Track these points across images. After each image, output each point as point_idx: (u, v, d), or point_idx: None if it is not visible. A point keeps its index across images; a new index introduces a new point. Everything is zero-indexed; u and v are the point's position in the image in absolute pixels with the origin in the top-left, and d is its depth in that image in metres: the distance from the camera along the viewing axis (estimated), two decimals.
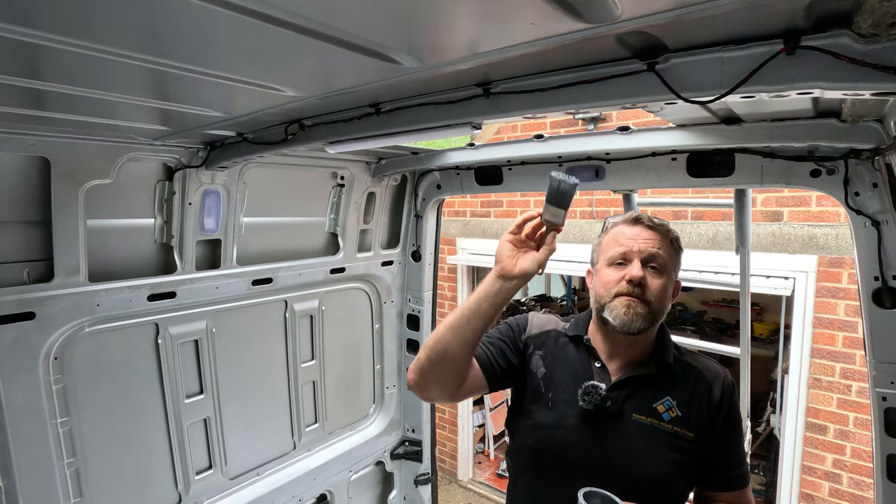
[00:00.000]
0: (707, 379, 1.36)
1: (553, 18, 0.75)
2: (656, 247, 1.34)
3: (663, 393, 1.34)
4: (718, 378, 1.37)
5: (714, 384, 1.36)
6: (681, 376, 1.37)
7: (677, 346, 1.46)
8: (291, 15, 0.74)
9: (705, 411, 1.32)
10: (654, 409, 1.32)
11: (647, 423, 1.31)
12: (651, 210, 4.23)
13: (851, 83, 0.80)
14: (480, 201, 5.46)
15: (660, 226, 1.39)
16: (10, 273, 1.58)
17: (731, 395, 1.37)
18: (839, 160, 1.52)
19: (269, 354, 2.41)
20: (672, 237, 1.39)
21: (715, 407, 1.33)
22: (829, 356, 3.52)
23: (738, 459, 1.36)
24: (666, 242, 1.37)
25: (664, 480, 1.28)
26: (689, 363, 1.40)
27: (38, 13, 0.72)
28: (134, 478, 1.96)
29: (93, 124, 1.47)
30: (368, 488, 2.99)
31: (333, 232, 2.56)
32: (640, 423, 1.31)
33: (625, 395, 1.34)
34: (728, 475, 1.35)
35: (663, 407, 1.32)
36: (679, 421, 1.31)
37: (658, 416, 1.31)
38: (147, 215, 1.91)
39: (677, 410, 1.32)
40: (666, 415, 1.31)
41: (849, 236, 3.27)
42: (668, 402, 1.32)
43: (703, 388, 1.35)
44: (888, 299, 1.48)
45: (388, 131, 1.43)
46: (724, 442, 1.34)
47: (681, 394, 1.34)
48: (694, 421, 1.31)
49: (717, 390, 1.35)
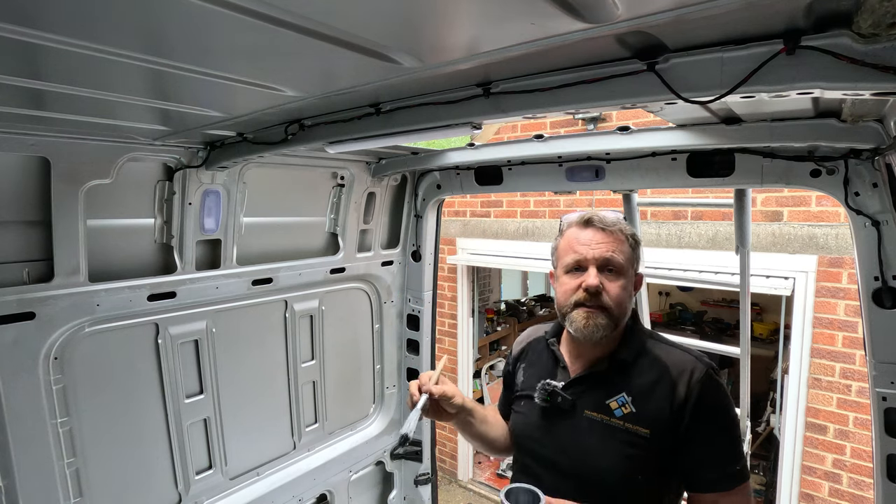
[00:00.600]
0: (672, 375, 1.30)
1: (553, 18, 0.75)
2: (610, 250, 1.32)
3: (619, 389, 1.33)
4: (685, 373, 1.29)
5: (679, 380, 1.28)
6: (643, 371, 1.34)
7: (655, 338, 1.43)
8: (291, 15, 0.74)
9: (666, 408, 1.27)
10: (606, 406, 1.32)
11: (598, 420, 1.32)
12: (651, 210, 4.25)
13: (851, 83, 0.80)
14: (480, 201, 5.47)
15: (612, 226, 1.35)
16: (10, 273, 1.58)
17: (705, 388, 1.27)
18: (839, 160, 1.52)
19: (269, 354, 2.41)
20: (627, 234, 1.37)
21: (679, 404, 1.26)
22: (829, 356, 3.52)
23: (721, 459, 1.26)
24: (621, 242, 1.34)
25: (616, 476, 1.27)
26: (658, 357, 1.35)
27: (38, 13, 0.72)
28: (134, 478, 1.96)
29: (93, 124, 1.46)
30: (368, 488, 2.99)
31: (333, 232, 2.56)
32: (591, 419, 1.33)
33: (579, 391, 1.38)
34: (707, 476, 1.27)
35: (616, 403, 1.32)
36: (632, 417, 1.29)
37: (610, 412, 1.31)
38: (147, 215, 1.91)
39: (631, 406, 1.30)
40: (618, 411, 1.31)
41: (849, 236, 3.27)
42: (623, 399, 1.31)
43: (666, 385, 1.29)
44: (888, 299, 1.48)
45: (388, 131, 1.43)
46: (699, 441, 1.25)
47: (638, 390, 1.31)
48: (651, 418, 1.28)
49: (682, 386, 1.27)
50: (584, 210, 1.42)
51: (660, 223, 4.26)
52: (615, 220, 1.36)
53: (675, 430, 1.26)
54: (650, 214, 4.29)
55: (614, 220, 1.36)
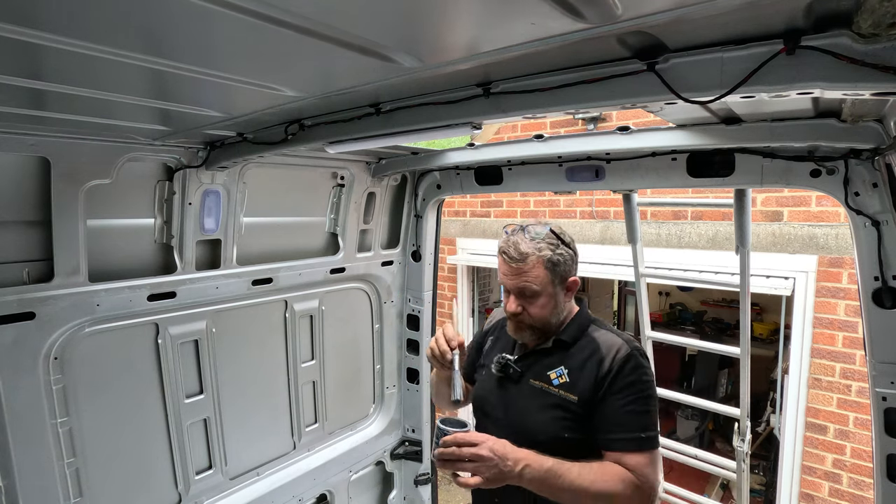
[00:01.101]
0: (601, 352, 1.54)
1: (553, 18, 0.75)
2: (523, 281, 1.53)
3: (558, 363, 1.59)
4: (612, 350, 1.53)
5: (606, 357, 1.52)
6: (580, 350, 1.59)
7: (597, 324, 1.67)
8: (291, 15, 0.74)
9: (592, 379, 1.51)
10: (546, 376, 1.59)
11: (539, 387, 1.59)
12: (651, 210, 4.25)
13: (851, 83, 0.80)
14: (480, 201, 5.47)
15: (525, 257, 1.51)
16: (10, 273, 1.58)
17: (625, 364, 1.50)
18: (839, 160, 1.52)
19: (269, 354, 2.41)
20: (544, 258, 1.52)
21: (602, 376, 1.50)
22: (829, 356, 3.52)
23: (623, 424, 1.46)
24: (534, 268, 1.52)
25: (547, 433, 1.53)
26: (594, 339, 1.60)
27: (38, 13, 0.72)
28: (134, 478, 1.96)
29: (93, 124, 1.46)
30: (368, 488, 2.99)
31: (333, 232, 2.56)
32: (533, 386, 1.61)
33: (528, 364, 1.65)
34: (608, 437, 1.48)
35: (555, 374, 1.58)
36: (566, 386, 1.55)
37: (549, 381, 1.58)
38: (147, 215, 1.91)
39: (566, 377, 1.56)
40: (556, 381, 1.57)
41: (849, 236, 3.27)
42: (560, 371, 1.58)
43: (595, 360, 1.53)
44: (888, 299, 1.48)
45: (388, 131, 1.43)
46: (608, 406, 1.48)
47: (573, 364, 1.57)
48: (580, 387, 1.52)
49: (607, 362, 1.51)
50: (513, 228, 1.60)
51: (660, 223, 4.26)
52: (528, 249, 1.52)
53: (595, 396, 1.50)
54: (650, 214, 4.29)
55: (526, 250, 1.52)
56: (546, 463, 1.39)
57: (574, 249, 1.61)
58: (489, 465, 1.35)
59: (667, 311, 8.39)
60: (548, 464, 1.39)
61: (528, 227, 1.56)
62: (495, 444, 1.38)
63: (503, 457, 1.37)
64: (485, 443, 1.38)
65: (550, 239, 1.54)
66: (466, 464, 1.37)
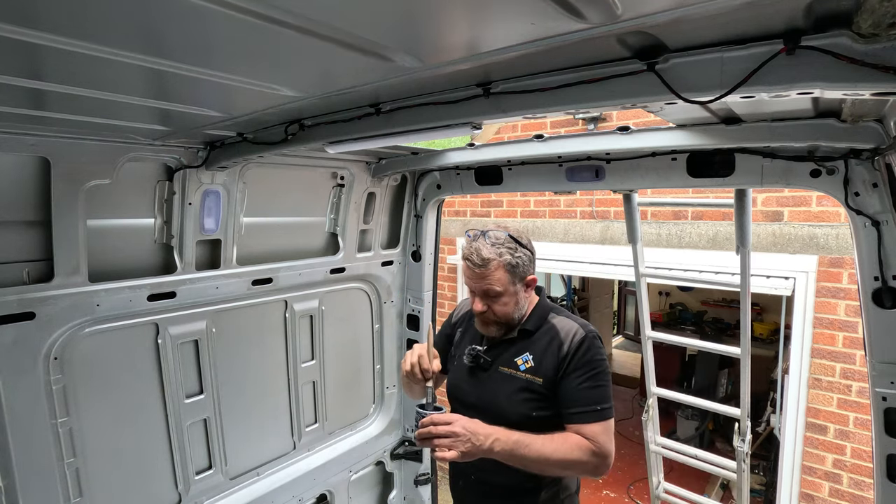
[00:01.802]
0: (560, 337, 1.72)
1: (553, 18, 0.75)
2: (487, 283, 1.68)
3: (524, 350, 1.76)
4: (570, 334, 1.71)
5: (565, 340, 1.70)
6: (542, 336, 1.76)
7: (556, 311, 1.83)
8: (291, 15, 0.74)
9: (553, 361, 1.69)
10: (514, 362, 1.76)
11: (508, 373, 1.76)
12: (651, 210, 4.25)
13: (851, 83, 0.80)
14: (480, 201, 5.46)
15: (485, 262, 1.66)
16: (10, 273, 1.58)
17: (581, 346, 1.68)
18: (839, 160, 1.52)
19: (269, 354, 2.41)
20: (503, 262, 1.67)
21: (562, 357, 1.68)
22: (829, 356, 3.52)
23: (581, 399, 1.63)
24: (496, 271, 1.67)
25: (517, 413, 1.69)
26: (554, 326, 1.76)
27: (38, 13, 0.72)
28: (134, 478, 1.96)
29: (93, 124, 1.46)
30: (368, 488, 2.99)
31: (333, 232, 2.56)
32: (503, 373, 1.77)
33: (496, 353, 1.81)
34: (569, 411, 1.65)
35: (521, 360, 1.75)
36: (532, 370, 1.72)
37: (516, 367, 1.75)
38: (147, 215, 1.91)
39: (532, 362, 1.73)
40: (522, 366, 1.74)
41: (849, 236, 3.27)
42: (526, 357, 1.75)
43: (555, 344, 1.71)
44: (888, 299, 1.48)
45: (388, 131, 1.43)
46: (568, 383, 1.65)
47: (537, 349, 1.74)
48: (544, 369, 1.70)
49: (566, 345, 1.69)
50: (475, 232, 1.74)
51: (660, 223, 4.26)
52: (489, 255, 1.66)
53: (557, 376, 1.68)
54: (650, 214, 4.29)
55: (487, 256, 1.66)
56: (513, 436, 1.57)
57: (531, 250, 1.77)
58: (462, 440, 1.54)
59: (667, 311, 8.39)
60: (514, 437, 1.57)
61: (488, 232, 1.71)
62: (467, 423, 1.57)
63: (474, 432, 1.55)
64: (458, 421, 1.57)
65: (509, 244, 1.69)
66: (443, 440, 1.55)
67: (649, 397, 2.77)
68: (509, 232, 1.73)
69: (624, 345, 10.23)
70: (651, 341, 2.74)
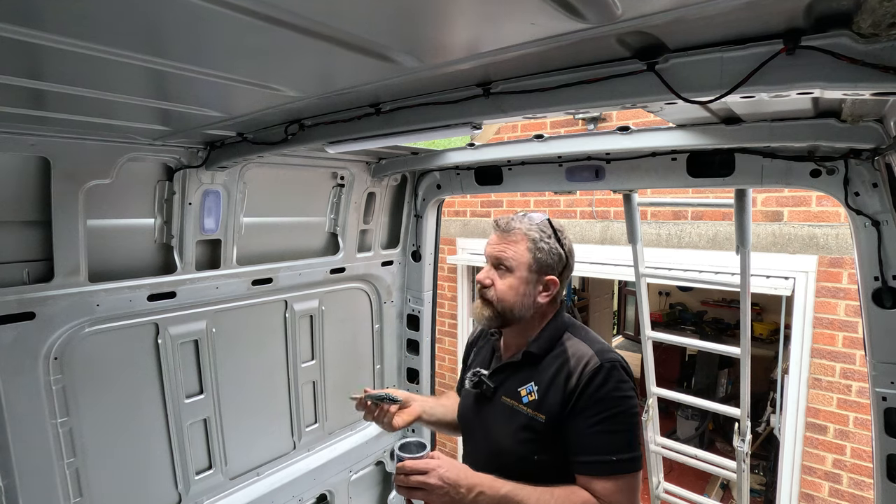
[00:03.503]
0: (570, 366, 1.40)
1: (553, 18, 0.75)
2: (502, 250, 1.47)
3: (529, 379, 1.47)
4: (580, 364, 1.38)
5: (575, 370, 1.38)
6: (550, 363, 1.45)
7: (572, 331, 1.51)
8: (291, 15, 0.74)
9: (559, 396, 1.38)
10: (517, 393, 1.47)
11: (510, 405, 1.48)
12: (651, 210, 4.24)
13: (851, 83, 0.80)
14: (480, 201, 5.46)
15: (513, 229, 1.48)
16: (10, 273, 1.58)
17: (594, 378, 1.35)
18: (839, 160, 1.52)
19: (269, 354, 2.41)
20: (530, 237, 1.46)
21: (569, 392, 1.36)
22: (829, 356, 3.52)
23: (590, 446, 1.33)
24: (518, 243, 1.46)
25: (515, 455, 1.43)
26: (565, 350, 1.45)
27: (39, 13, 0.72)
28: (134, 478, 1.96)
29: (93, 124, 1.46)
30: (368, 488, 2.99)
31: (333, 232, 2.56)
32: (505, 404, 1.49)
33: (500, 379, 1.54)
34: (576, 459, 1.35)
35: (525, 391, 1.46)
36: (534, 404, 1.42)
37: (519, 398, 1.46)
38: (147, 215, 1.91)
39: (535, 395, 1.43)
40: (525, 398, 1.45)
41: (849, 236, 3.27)
42: (530, 387, 1.45)
43: (563, 375, 1.40)
44: (888, 299, 1.48)
45: (388, 131, 1.43)
46: (575, 425, 1.35)
47: (543, 379, 1.44)
48: (547, 405, 1.39)
49: (575, 376, 1.37)
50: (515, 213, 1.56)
51: (660, 223, 4.26)
52: (517, 225, 1.48)
53: (562, 414, 1.37)
54: (650, 214, 4.29)
55: (515, 225, 1.48)
56: (502, 489, 1.30)
57: (567, 254, 1.51)
58: (439, 493, 1.28)
59: (667, 311, 8.39)
60: (504, 489, 1.30)
61: (530, 213, 1.52)
62: (447, 472, 1.29)
63: (454, 484, 1.28)
64: (435, 470, 1.29)
65: (545, 227, 1.48)
66: (416, 492, 1.30)
67: (649, 397, 2.77)
68: (550, 219, 1.53)
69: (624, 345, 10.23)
70: (651, 341, 2.74)
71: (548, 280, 1.48)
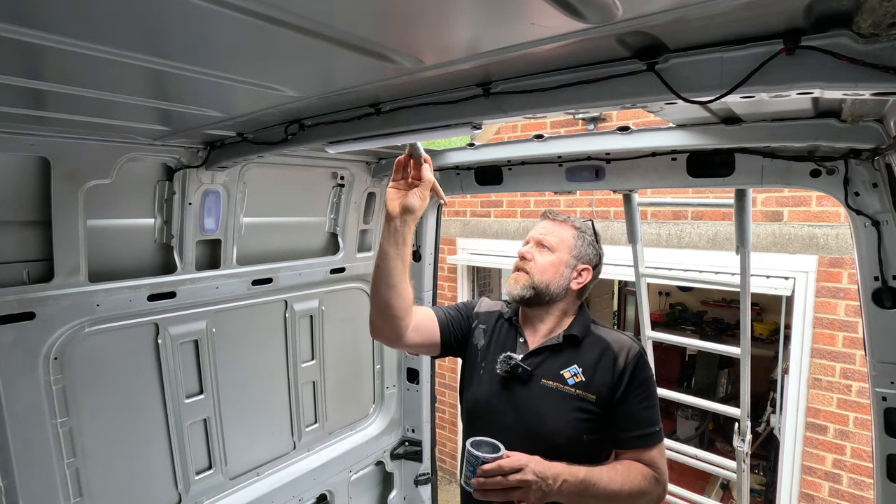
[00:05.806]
0: (614, 350, 1.54)
1: (553, 18, 0.75)
2: (547, 233, 1.63)
3: (572, 361, 1.55)
4: (624, 348, 1.54)
5: (620, 354, 1.52)
6: (590, 347, 1.57)
7: (597, 323, 1.66)
8: (291, 15, 0.74)
9: (609, 377, 1.50)
10: (560, 375, 1.54)
11: (553, 387, 1.53)
12: (651, 210, 4.24)
13: (851, 83, 0.80)
14: (480, 201, 5.46)
15: (565, 218, 1.67)
16: (10, 273, 1.58)
17: (637, 362, 1.51)
18: (839, 160, 1.52)
19: (269, 354, 2.41)
20: (576, 226, 1.65)
21: (618, 374, 1.50)
22: (829, 356, 3.52)
23: (641, 421, 1.48)
24: (565, 229, 1.64)
25: (566, 435, 1.49)
26: (601, 337, 1.59)
27: (38, 13, 0.72)
28: (134, 478, 1.96)
29: (93, 124, 1.46)
30: (368, 488, 2.99)
31: (333, 232, 2.56)
32: (546, 387, 1.54)
33: (536, 363, 1.58)
34: (627, 435, 1.48)
35: (569, 373, 1.53)
36: (582, 385, 1.51)
37: (563, 380, 1.53)
38: (147, 215, 1.91)
39: (582, 376, 1.52)
40: (571, 380, 1.52)
41: (849, 236, 3.27)
42: (574, 370, 1.53)
43: (609, 357, 1.52)
44: (888, 299, 1.48)
45: (388, 131, 1.43)
46: (626, 404, 1.48)
47: (587, 362, 1.54)
48: (597, 385, 1.50)
49: (621, 359, 1.51)
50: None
51: (660, 223, 4.26)
52: (565, 217, 1.67)
53: (613, 394, 1.49)
54: (650, 214, 4.29)
55: (565, 217, 1.67)
56: (579, 473, 1.35)
57: (600, 256, 1.69)
58: (534, 488, 1.29)
59: (667, 311, 8.39)
60: (581, 474, 1.35)
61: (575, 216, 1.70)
62: (536, 465, 1.32)
63: (544, 477, 1.31)
64: (527, 465, 1.30)
65: (588, 226, 1.67)
66: (514, 491, 1.29)
67: None
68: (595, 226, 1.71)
69: None
70: (651, 341, 2.74)
71: (582, 269, 1.63)
